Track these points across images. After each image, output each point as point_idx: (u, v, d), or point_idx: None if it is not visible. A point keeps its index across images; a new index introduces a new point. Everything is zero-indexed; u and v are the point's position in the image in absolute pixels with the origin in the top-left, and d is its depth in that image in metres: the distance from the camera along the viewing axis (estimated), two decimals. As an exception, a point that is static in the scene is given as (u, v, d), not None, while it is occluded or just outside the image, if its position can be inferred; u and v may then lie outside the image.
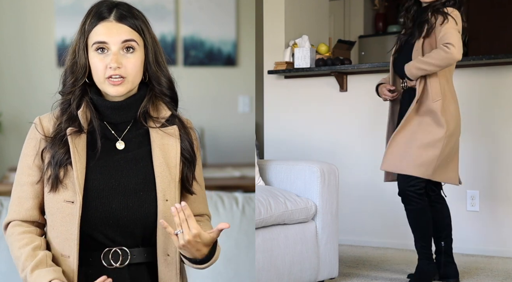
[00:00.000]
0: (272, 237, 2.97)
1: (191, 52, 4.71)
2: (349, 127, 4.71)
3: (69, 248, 1.73)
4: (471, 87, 4.20)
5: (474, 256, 4.20)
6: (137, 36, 1.76)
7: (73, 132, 1.75)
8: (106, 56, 1.74)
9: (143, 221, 1.75)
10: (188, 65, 4.70)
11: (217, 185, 3.73)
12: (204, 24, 4.72)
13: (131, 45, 1.75)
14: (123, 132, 1.80)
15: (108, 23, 1.75)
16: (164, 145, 1.79)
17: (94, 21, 1.75)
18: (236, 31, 4.75)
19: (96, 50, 1.74)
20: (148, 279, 1.78)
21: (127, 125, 1.81)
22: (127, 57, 1.74)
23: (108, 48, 1.74)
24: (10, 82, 4.49)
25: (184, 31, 4.70)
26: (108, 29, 1.74)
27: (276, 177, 3.38)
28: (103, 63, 1.73)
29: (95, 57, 1.74)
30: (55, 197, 1.75)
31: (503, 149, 4.21)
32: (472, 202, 4.29)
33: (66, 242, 1.73)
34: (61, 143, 1.74)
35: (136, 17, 1.78)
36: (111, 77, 1.73)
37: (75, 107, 1.77)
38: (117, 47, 1.74)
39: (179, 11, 4.70)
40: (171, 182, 1.77)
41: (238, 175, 4.13)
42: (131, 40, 1.75)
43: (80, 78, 1.76)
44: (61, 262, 1.74)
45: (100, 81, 1.75)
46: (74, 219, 1.71)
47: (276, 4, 4.91)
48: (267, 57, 4.95)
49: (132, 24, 1.76)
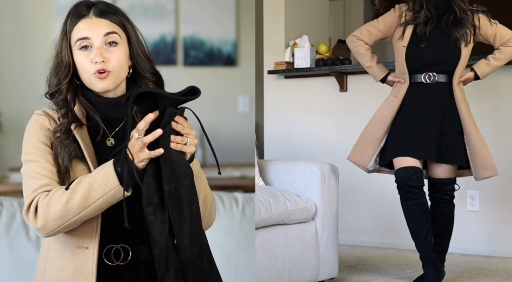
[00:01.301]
0: (272, 237, 2.97)
1: (191, 52, 4.71)
2: (349, 127, 4.70)
3: (88, 240, 1.72)
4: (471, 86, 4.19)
5: (474, 256, 4.20)
6: (118, 29, 1.78)
7: (78, 127, 1.76)
8: (91, 52, 1.75)
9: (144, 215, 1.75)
10: (188, 65, 4.70)
11: (217, 185, 3.73)
12: (204, 24, 4.72)
13: (114, 39, 1.77)
14: (116, 129, 1.81)
15: (88, 20, 1.77)
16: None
17: (75, 20, 1.77)
18: (236, 31, 4.75)
19: (80, 48, 1.76)
20: (150, 277, 1.78)
21: (121, 122, 1.82)
22: (110, 51, 1.76)
23: (91, 44, 1.75)
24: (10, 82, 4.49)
25: (184, 31, 4.70)
26: (89, 25, 1.76)
27: (276, 177, 3.38)
28: (88, 59, 1.75)
29: (79, 55, 1.76)
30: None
31: (503, 149, 4.21)
32: (472, 202, 4.29)
33: (84, 233, 1.73)
34: (69, 138, 1.74)
35: (116, 12, 1.80)
36: (97, 72, 1.74)
37: (72, 105, 1.78)
38: (100, 42, 1.75)
39: (179, 11, 4.70)
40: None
41: (238, 175, 4.13)
42: (113, 33, 1.76)
43: (63, 78, 1.77)
44: (77, 254, 1.73)
45: (88, 77, 1.76)
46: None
47: (276, 4, 4.91)
48: (267, 57, 4.95)
49: (112, 18, 1.78)
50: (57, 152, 1.74)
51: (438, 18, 3.18)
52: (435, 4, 3.18)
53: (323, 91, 4.80)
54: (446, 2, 3.17)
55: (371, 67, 3.35)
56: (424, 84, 3.19)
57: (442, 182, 3.24)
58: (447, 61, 3.16)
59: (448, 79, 3.19)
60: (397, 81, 3.24)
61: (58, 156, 1.74)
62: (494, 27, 3.19)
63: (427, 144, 3.16)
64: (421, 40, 3.16)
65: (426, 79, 3.19)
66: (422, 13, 3.16)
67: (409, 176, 3.12)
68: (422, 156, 3.18)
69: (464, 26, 3.14)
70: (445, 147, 3.17)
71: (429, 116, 3.17)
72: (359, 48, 3.34)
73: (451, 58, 3.16)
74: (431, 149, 3.16)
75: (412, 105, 3.21)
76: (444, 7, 3.17)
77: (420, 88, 3.20)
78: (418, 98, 3.20)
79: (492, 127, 4.22)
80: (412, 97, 3.21)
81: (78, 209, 1.67)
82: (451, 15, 3.15)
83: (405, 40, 3.19)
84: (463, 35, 3.13)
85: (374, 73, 3.35)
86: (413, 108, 3.21)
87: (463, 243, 4.23)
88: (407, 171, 3.12)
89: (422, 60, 3.18)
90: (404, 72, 3.21)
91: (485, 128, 4.18)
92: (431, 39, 3.16)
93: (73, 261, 1.73)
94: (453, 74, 3.17)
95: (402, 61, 3.21)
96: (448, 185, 3.25)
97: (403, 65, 3.20)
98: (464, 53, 3.15)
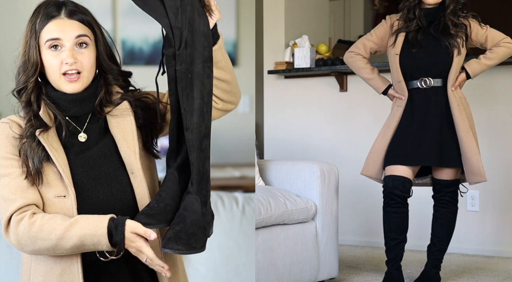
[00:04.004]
0: (272, 237, 2.97)
1: (191, 52, 4.70)
2: (349, 127, 4.71)
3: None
4: (470, 87, 4.20)
5: (474, 256, 4.20)
6: (88, 31, 1.79)
7: (43, 131, 1.77)
8: (60, 53, 1.76)
9: (129, 206, 1.77)
10: (188, 65, 4.70)
11: (217, 185, 3.73)
12: (204, 24, 4.71)
13: (84, 41, 1.78)
14: (85, 124, 1.83)
15: (59, 20, 1.77)
16: (119, 123, 1.83)
17: (45, 20, 1.77)
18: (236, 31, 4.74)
19: (50, 47, 1.76)
20: (145, 268, 1.79)
21: (87, 116, 1.83)
22: (81, 52, 1.77)
23: (61, 45, 1.76)
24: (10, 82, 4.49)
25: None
26: (61, 26, 1.76)
27: (276, 177, 3.38)
28: (58, 59, 1.76)
29: (48, 55, 1.77)
30: (45, 195, 1.76)
31: (502, 149, 4.21)
32: (472, 202, 4.29)
33: None
34: (34, 143, 1.76)
35: (85, 12, 1.81)
36: (67, 74, 1.76)
37: (36, 107, 1.79)
38: (71, 43, 1.76)
39: (179, 11, 4.69)
40: (131, 154, 1.80)
41: (238, 175, 4.13)
42: (84, 35, 1.78)
43: (31, 76, 1.78)
44: (62, 257, 1.74)
45: (56, 78, 1.77)
46: (70, 211, 1.73)
47: (276, 4, 4.91)
48: (267, 57, 4.95)
49: (82, 19, 1.79)
50: (28, 155, 1.75)
51: (429, 24, 3.19)
52: (426, 11, 3.19)
53: (323, 91, 4.80)
54: (437, 9, 3.18)
55: (372, 79, 3.35)
56: (420, 90, 3.20)
57: (443, 183, 3.24)
58: (439, 64, 3.16)
59: (443, 83, 3.19)
60: (398, 97, 3.25)
61: (29, 159, 1.75)
62: (485, 30, 3.20)
63: (426, 149, 3.16)
64: (412, 46, 3.18)
65: (422, 85, 3.19)
66: (414, 22, 3.18)
67: (396, 185, 3.15)
68: (419, 162, 3.19)
69: (455, 36, 3.14)
70: (444, 150, 3.17)
71: (428, 121, 3.18)
72: (357, 63, 3.35)
73: (444, 61, 3.16)
74: (431, 154, 3.16)
75: (410, 111, 3.22)
76: (434, 14, 3.19)
77: (417, 94, 3.21)
78: (416, 104, 3.21)
79: (492, 128, 4.23)
80: (410, 104, 3.22)
81: (66, 252, 1.70)
82: (441, 23, 3.17)
83: (397, 48, 3.21)
84: (454, 44, 3.14)
85: (375, 85, 3.35)
86: (411, 115, 3.21)
87: (463, 243, 4.23)
88: (396, 180, 3.15)
89: (415, 65, 3.18)
90: (400, 81, 3.22)
91: (485, 128, 4.19)
92: (422, 45, 3.17)
93: (57, 263, 1.75)
94: (447, 78, 3.18)
95: (396, 68, 3.22)
96: (449, 187, 3.25)
97: (398, 73, 3.21)
98: (456, 62, 3.14)
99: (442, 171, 3.24)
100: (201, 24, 1.75)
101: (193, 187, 1.75)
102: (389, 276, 3.22)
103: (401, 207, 3.18)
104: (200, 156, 1.74)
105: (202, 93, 1.74)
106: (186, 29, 1.71)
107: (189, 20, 1.72)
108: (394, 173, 3.16)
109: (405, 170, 3.16)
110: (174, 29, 1.71)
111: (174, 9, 1.71)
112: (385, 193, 3.20)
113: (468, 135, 3.13)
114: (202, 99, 1.74)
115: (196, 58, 1.73)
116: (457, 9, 3.17)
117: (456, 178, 3.25)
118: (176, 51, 1.71)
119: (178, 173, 1.79)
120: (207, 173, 1.77)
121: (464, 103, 3.22)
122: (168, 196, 1.76)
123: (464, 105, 3.20)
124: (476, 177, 3.15)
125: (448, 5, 3.15)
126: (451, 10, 3.15)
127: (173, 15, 1.70)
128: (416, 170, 3.22)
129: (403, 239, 3.23)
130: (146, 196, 1.79)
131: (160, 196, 1.76)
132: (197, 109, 1.73)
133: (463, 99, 3.21)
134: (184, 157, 1.79)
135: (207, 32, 1.76)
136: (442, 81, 3.18)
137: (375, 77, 3.34)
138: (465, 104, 3.23)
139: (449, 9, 3.14)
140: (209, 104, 1.77)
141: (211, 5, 1.77)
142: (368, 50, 3.33)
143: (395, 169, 3.17)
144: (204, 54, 1.75)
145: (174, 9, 1.71)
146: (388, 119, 3.29)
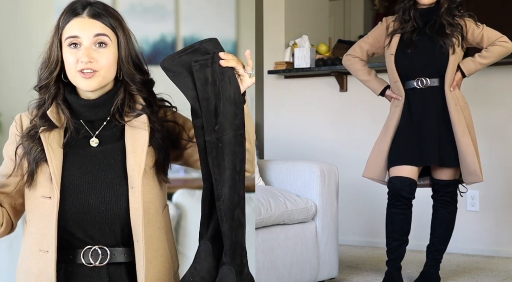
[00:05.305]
0: (272, 237, 2.97)
1: (191, 52, 4.71)
2: (349, 127, 4.71)
3: (47, 243, 1.74)
4: (468, 87, 4.20)
5: (474, 256, 4.20)
6: (110, 32, 1.79)
7: (46, 130, 1.78)
8: (78, 51, 1.76)
9: (120, 216, 1.76)
10: (188, 65, 4.70)
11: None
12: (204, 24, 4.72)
13: (103, 40, 1.77)
14: (98, 129, 1.82)
15: (81, 19, 1.78)
16: (134, 135, 1.81)
17: (68, 18, 1.78)
18: (236, 31, 4.75)
19: (69, 45, 1.77)
20: (127, 280, 1.78)
21: (103, 122, 1.83)
22: (99, 52, 1.77)
23: (80, 43, 1.76)
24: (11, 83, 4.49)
25: (184, 31, 4.69)
26: (81, 24, 1.77)
27: (276, 177, 3.38)
28: (75, 57, 1.76)
29: (67, 52, 1.77)
30: (33, 194, 1.77)
31: (502, 149, 4.21)
32: (472, 202, 4.29)
33: (44, 237, 1.74)
34: (35, 140, 1.77)
35: (110, 15, 1.81)
36: (82, 71, 1.76)
37: (47, 107, 1.80)
38: (89, 42, 1.76)
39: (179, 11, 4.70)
40: (135, 168, 1.77)
41: (238, 175, 4.13)
42: (103, 35, 1.77)
43: (52, 72, 1.79)
44: (40, 257, 1.75)
45: (72, 75, 1.78)
46: (51, 214, 1.73)
47: (276, 4, 4.91)
48: (267, 57, 4.95)
49: (105, 21, 1.79)
50: (26, 152, 1.78)
51: (424, 24, 3.20)
52: (421, 12, 3.20)
53: (323, 91, 4.80)
54: (432, 9, 3.19)
55: (369, 81, 3.38)
56: (417, 90, 3.20)
57: (441, 183, 3.25)
58: (434, 63, 3.16)
59: (440, 83, 3.19)
60: (395, 97, 3.25)
61: (25, 156, 1.77)
62: (481, 29, 3.20)
63: (426, 149, 3.16)
64: (407, 46, 3.19)
65: (419, 85, 3.19)
66: (410, 23, 3.19)
67: (404, 186, 3.15)
68: (422, 162, 3.19)
69: (451, 35, 3.14)
70: (443, 150, 3.17)
71: (426, 122, 3.18)
72: (355, 65, 3.38)
73: (439, 61, 3.16)
74: (432, 154, 3.16)
75: (408, 112, 3.22)
76: (430, 14, 3.19)
77: (414, 94, 3.21)
78: (414, 105, 3.21)
79: (491, 128, 4.23)
80: (408, 104, 3.22)
81: None
82: (436, 23, 3.17)
83: (392, 48, 3.22)
84: (449, 44, 3.14)
85: (373, 87, 3.38)
86: (409, 115, 3.21)
87: (463, 243, 4.23)
88: (403, 181, 3.15)
89: (410, 65, 3.19)
90: (396, 81, 3.23)
91: (484, 129, 4.19)
92: (418, 45, 3.18)
93: (36, 264, 1.76)
94: (444, 77, 3.17)
95: (392, 69, 3.23)
96: (448, 187, 3.25)
97: (394, 73, 3.22)
98: (452, 61, 3.15)
99: (441, 171, 3.24)
100: (232, 92, 1.72)
101: (226, 257, 1.70)
102: (389, 276, 3.22)
103: (406, 208, 3.19)
104: (232, 226, 1.70)
105: (234, 162, 1.70)
106: (215, 99, 1.69)
107: (219, 89, 1.70)
108: (400, 174, 3.16)
109: (411, 171, 3.16)
110: (202, 101, 1.68)
111: (203, 80, 1.69)
112: (391, 194, 3.19)
113: (465, 135, 3.13)
114: (234, 169, 1.70)
115: (227, 127, 1.70)
116: (452, 8, 3.17)
117: (455, 178, 3.25)
118: (203, 123, 1.68)
119: (211, 242, 1.74)
120: (241, 242, 1.73)
121: (463, 103, 3.21)
122: (203, 269, 1.72)
123: (462, 105, 3.20)
124: (472, 176, 3.15)
125: (442, 4, 3.15)
126: (445, 9, 3.15)
127: (201, 86, 1.68)
128: (419, 170, 3.22)
129: (405, 241, 3.24)
130: (140, 213, 1.75)
131: (195, 269, 1.72)
132: (229, 179, 1.69)
133: (461, 99, 3.21)
134: (217, 225, 1.74)
135: (238, 99, 1.73)
136: (439, 81, 3.18)
137: (372, 79, 3.36)
138: (464, 104, 3.22)
139: (444, 7, 3.15)
140: (241, 173, 1.72)
141: (244, 75, 1.75)
142: (365, 53, 3.36)
143: (400, 169, 3.16)
144: (235, 123, 1.71)
145: (202, 80, 1.69)
146: (387, 120, 3.30)
